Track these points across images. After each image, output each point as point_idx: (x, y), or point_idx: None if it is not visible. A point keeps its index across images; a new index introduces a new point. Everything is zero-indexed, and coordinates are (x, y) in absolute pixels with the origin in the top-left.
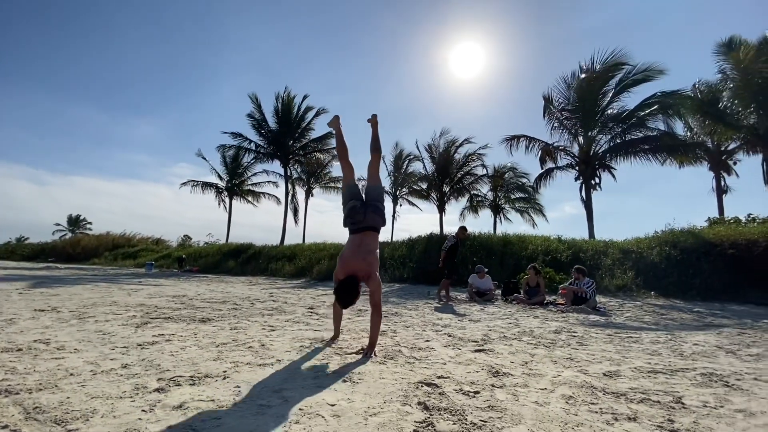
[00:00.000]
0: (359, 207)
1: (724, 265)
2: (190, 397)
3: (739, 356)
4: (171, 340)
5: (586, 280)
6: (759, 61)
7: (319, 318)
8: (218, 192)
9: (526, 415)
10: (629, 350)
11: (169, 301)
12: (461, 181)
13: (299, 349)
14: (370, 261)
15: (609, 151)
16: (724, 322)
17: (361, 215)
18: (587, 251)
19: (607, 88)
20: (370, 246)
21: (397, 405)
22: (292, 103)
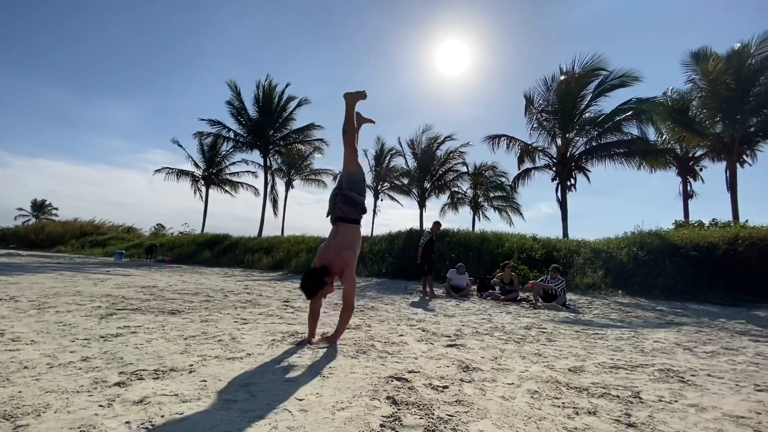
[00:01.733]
0: (332, 196)
1: (686, 266)
2: (152, 391)
3: (696, 353)
4: (136, 333)
5: (558, 279)
6: (726, 74)
7: (294, 311)
8: (194, 180)
9: (492, 409)
10: (594, 346)
11: (137, 292)
12: (442, 178)
13: (271, 343)
14: (345, 257)
15: (585, 153)
16: (684, 321)
17: (331, 204)
18: (561, 250)
19: (585, 91)
20: (347, 240)
21: (365, 399)
22: (274, 92)
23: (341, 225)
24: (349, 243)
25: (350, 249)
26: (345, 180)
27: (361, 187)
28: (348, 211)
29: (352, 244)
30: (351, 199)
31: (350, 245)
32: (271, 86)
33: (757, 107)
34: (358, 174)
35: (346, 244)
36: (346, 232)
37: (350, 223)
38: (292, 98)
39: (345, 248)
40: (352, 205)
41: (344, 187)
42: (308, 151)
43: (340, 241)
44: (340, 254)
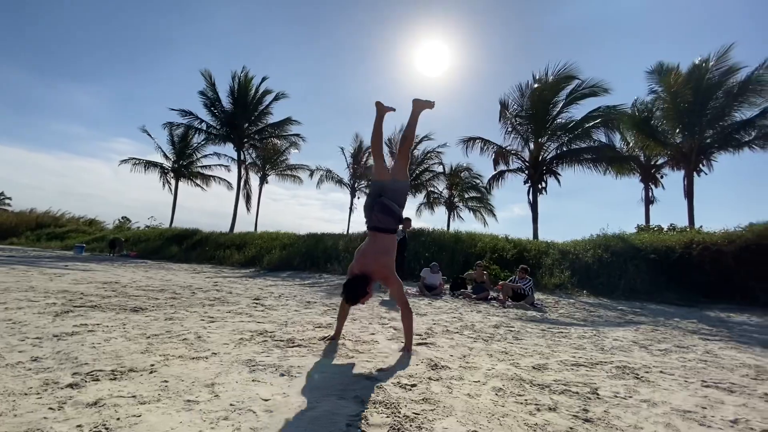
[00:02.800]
0: (368, 203)
1: (646, 269)
2: (108, 393)
3: (651, 351)
4: (94, 331)
5: (526, 279)
6: (686, 87)
7: (265, 310)
8: (163, 172)
9: (458, 407)
10: (558, 344)
11: (98, 288)
12: (419, 177)
13: (238, 342)
14: (384, 262)
15: (556, 158)
16: (642, 320)
17: (367, 214)
18: (531, 251)
19: (558, 98)
20: (384, 247)
21: (333, 399)
22: (250, 84)
23: (378, 235)
24: (386, 249)
25: (388, 255)
26: (390, 188)
27: (403, 199)
28: (386, 222)
29: (388, 250)
30: (390, 210)
31: (387, 251)
32: (248, 78)
33: (713, 120)
34: (403, 184)
35: (383, 250)
36: (383, 241)
37: (387, 233)
38: (268, 92)
39: (382, 254)
40: (390, 216)
41: (387, 195)
42: (284, 146)
43: (378, 249)
44: (379, 260)
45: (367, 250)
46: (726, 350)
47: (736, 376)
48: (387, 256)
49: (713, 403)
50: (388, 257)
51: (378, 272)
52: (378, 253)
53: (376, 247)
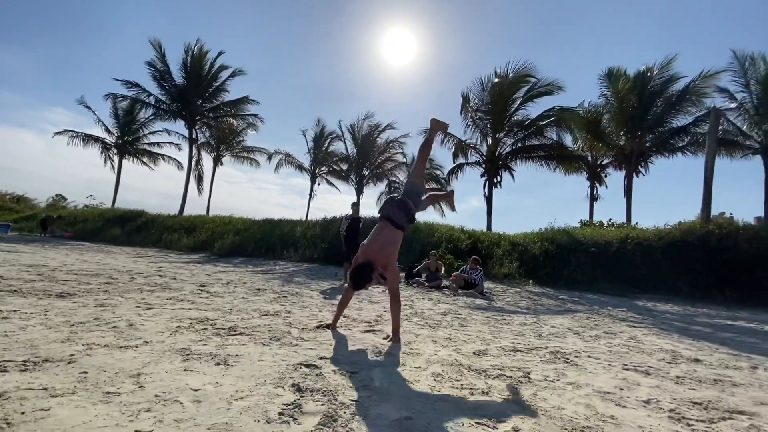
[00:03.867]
0: (389, 198)
1: (586, 260)
2: (15, 385)
3: (583, 337)
4: (9, 318)
5: (477, 269)
6: (632, 93)
7: (209, 297)
8: (105, 148)
9: (395, 392)
10: (500, 331)
11: (21, 271)
12: (381, 166)
13: (175, 330)
14: (387, 253)
15: (511, 153)
16: (579, 308)
17: (387, 205)
18: (484, 242)
19: (516, 95)
20: (389, 238)
21: (269, 387)
22: (205, 58)
23: (388, 226)
24: (392, 241)
25: (392, 246)
26: (407, 188)
27: (418, 200)
28: (399, 217)
29: (393, 243)
30: (406, 207)
31: (392, 243)
32: (202, 52)
33: (653, 125)
34: (421, 186)
35: (389, 241)
36: (390, 232)
37: (396, 227)
38: (225, 67)
39: (388, 245)
40: (404, 212)
41: (405, 193)
42: (241, 126)
43: (384, 239)
44: (383, 251)
45: (373, 239)
46: (648, 336)
47: (654, 360)
48: (392, 248)
49: (630, 385)
50: (392, 249)
51: (380, 261)
52: (384, 244)
53: (382, 238)
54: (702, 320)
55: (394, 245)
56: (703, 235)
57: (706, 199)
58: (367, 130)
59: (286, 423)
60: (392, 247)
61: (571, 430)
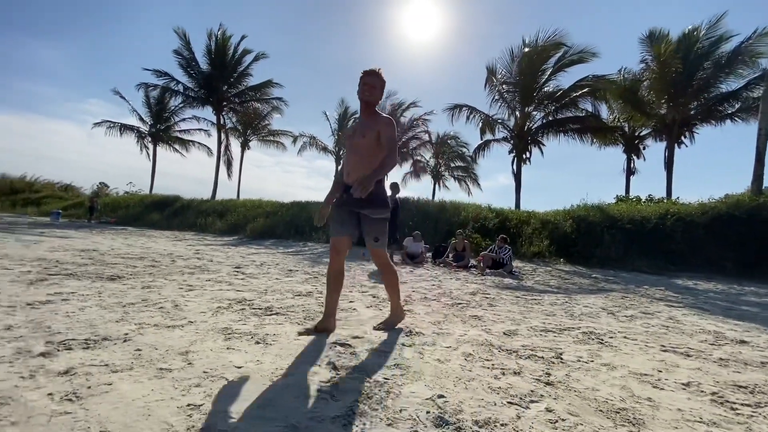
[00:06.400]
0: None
1: (621, 238)
2: (80, 362)
3: (617, 317)
4: (69, 300)
5: (505, 248)
6: (675, 57)
7: (245, 278)
8: (140, 137)
9: (427, 372)
10: (530, 311)
11: (74, 256)
12: (406, 145)
13: (216, 311)
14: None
15: (541, 127)
16: (613, 287)
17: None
18: (512, 220)
19: (546, 66)
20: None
21: (306, 366)
22: (228, 43)
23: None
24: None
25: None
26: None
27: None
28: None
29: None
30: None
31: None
32: (225, 37)
33: (698, 91)
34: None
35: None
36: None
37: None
38: (248, 51)
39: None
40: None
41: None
42: (266, 110)
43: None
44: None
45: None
46: (689, 316)
47: (695, 341)
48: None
49: (669, 367)
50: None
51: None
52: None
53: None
54: (749, 299)
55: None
56: (752, 209)
57: (758, 171)
58: (390, 110)
59: (324, 400)
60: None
61: (607, 411)
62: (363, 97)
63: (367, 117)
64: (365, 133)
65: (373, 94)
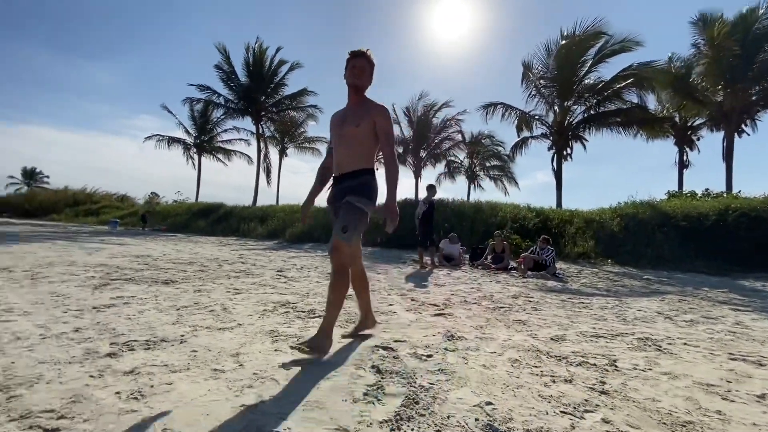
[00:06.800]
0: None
1: (675, 236)
2: (143, 362)
3: (675, 322)
4: (129, 303)
5: (547, 249)
6: (731, 39)
7: (287, 281)
8: (186, 148)
9: (473, 377)
10: (578, 315)
11: (131, 262)
12: (439, 147)
13: (262, 314)
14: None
15: (583, 122)
16: (669, 290)
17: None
18: (554, 220)
19: (586, 57)
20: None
21: (351, 369)
22: (264, 55)
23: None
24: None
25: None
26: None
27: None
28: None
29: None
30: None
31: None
32: (262, 49)
33: (759, 75)
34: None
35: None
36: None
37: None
38: (283, 62)
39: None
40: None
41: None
42: (301, 118)
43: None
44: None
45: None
46: (759, 321)
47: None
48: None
49: (740, 377)
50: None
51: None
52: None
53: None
54: None
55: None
56: None
57: None
58: (422, 111)
59: (371, 403)
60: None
61: (671, 424)
62: (351, 81)
63: (358, 104)
64: (358, 122)
65: (362, 78)
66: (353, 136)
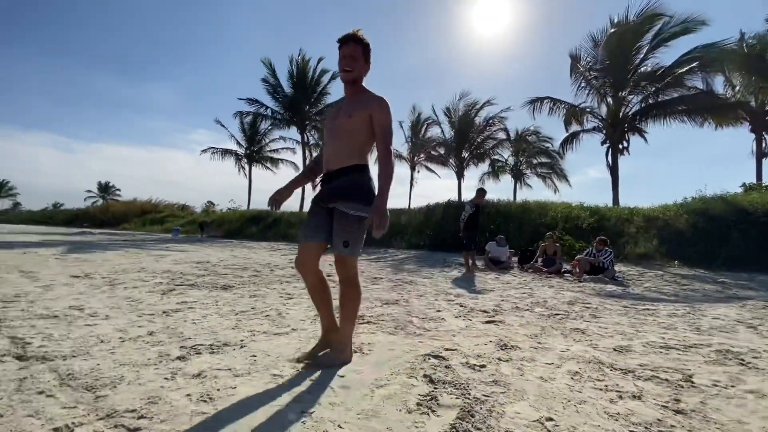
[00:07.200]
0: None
1: (756, 234)
2: (208, 366)
3: (760, 332)
4: (193, 308)
5: (605, 251)
6: None
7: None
8: (238, 159)
9: (530, 390)
10: (644, 323)
11: (193, 268)
12: (481, 146)
13: (313, 319)
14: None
15: (640, 112)
16: (750, 294)
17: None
18: (610, 219)
19: (641, 43)
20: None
21: (403, 377)
22: (307, 66)
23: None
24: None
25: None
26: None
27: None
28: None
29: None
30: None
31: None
32: (304, 61)
33: None
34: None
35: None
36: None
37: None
38: (325, 71)
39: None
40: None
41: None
42: None
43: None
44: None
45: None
46: None
47: None
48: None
49: None
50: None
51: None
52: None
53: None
54: None
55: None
56: None
57: None
58: (463, 110)
59: (426, 414)
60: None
61: None
62: (344, 76)
63: (354, 95)
64: (351, 112)
65: (355, 68)
66: (344, 128)
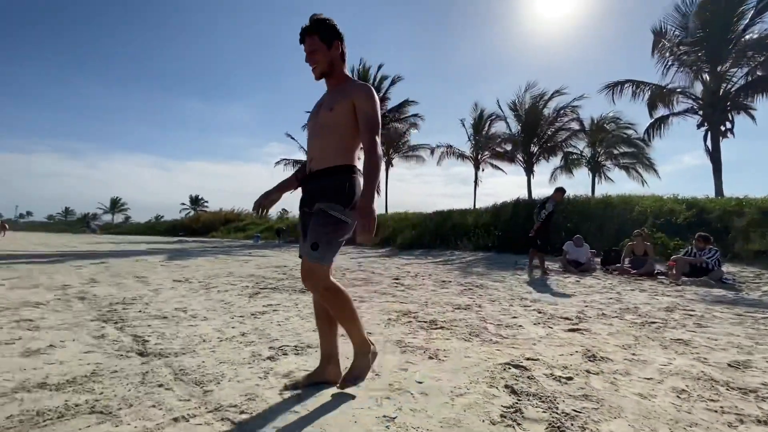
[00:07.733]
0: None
1: None
2: (295, 366)
3: None
4: (277, 310)
5: (707, 249)
6: None
7: (404, 289)
8: None
9: (627, 408)
10: (765, 335)
11: (273, 272)
12: (552, 139)
13: (387, 322)
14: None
15: (746, 87)
16: None
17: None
18: (713, 212)
19: (745, 6)
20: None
21: (483, 386)
22: (368, 74)
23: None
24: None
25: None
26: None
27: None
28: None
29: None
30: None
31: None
32: (365, 69)
33: None
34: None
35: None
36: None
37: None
38: (385, 77)
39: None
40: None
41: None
42: (404, 128)
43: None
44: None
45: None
46: None
47: None
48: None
49: None
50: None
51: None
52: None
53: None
54: None
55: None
56: None
57: None
58: (530, 103)
59: (510, 427)
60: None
61: None
62: (313, 73)
63: (334, 87)
64: (332, 104)
65: (319, 61)
66: (326, 123)
